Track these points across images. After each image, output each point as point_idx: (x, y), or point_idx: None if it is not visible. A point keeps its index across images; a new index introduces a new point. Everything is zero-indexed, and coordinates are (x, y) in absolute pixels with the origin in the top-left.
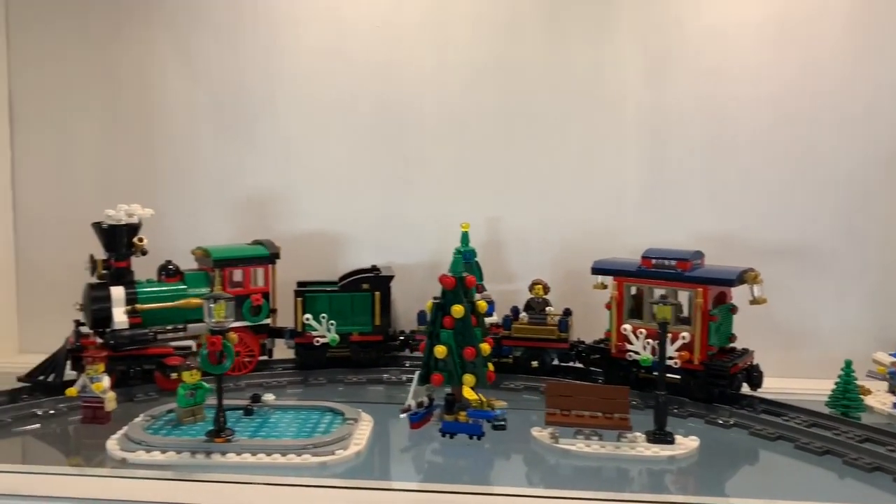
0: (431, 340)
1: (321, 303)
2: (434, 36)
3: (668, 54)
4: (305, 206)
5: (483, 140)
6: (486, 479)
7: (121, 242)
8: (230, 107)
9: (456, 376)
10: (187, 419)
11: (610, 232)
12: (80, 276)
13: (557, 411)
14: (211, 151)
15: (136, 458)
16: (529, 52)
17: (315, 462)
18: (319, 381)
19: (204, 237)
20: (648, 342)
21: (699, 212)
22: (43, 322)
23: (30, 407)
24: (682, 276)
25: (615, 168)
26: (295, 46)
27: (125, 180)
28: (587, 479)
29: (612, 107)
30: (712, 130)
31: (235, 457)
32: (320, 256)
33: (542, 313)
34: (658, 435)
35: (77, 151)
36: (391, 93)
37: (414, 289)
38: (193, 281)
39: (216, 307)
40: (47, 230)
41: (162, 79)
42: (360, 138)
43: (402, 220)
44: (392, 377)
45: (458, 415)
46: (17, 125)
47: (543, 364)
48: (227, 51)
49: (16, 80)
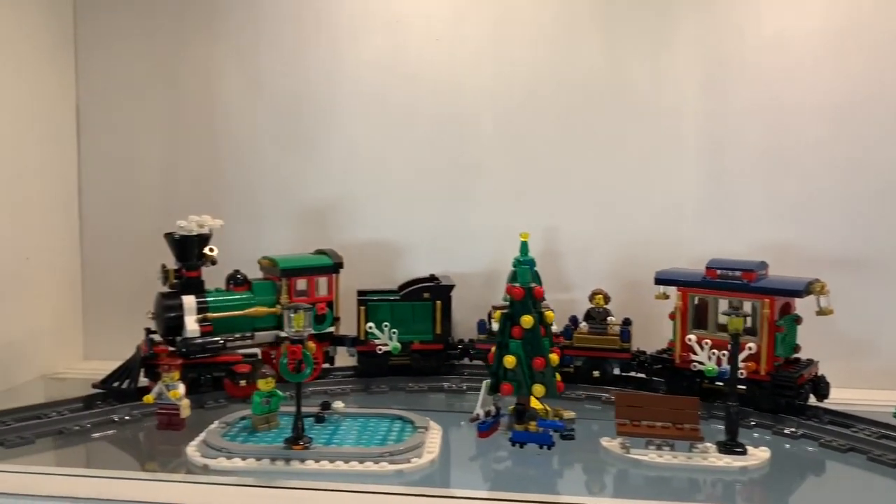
0: (500, 350)
1: (383, 311)
2: (493, 48)
3: (728, 63)
4: (364, 216)
5: (541, 150)
6: (562, 488)
7: (192, 252)
8: (292, 118)
9: (525, 386)
10: (262, 426)
11: (668, 242)
12: (143, 285)
13: (627, 421)
14: (273, 162)
15: (218, 464)
16: (588, 62)
17: (392, 470)
18: (381, 388)
19: (265, 247)
20: (714, 353)
21: (758, 221)
22: (107, 330)
23: (107, 413)
24: (749, 286)
25: (674, 178)
26: (356, 59)
27: (189, 191)
28: (660, 489)
29: (670, 116)
30: (772, 139)
31: (314, 464)
32: (378, 265)
33: (602, 323)
34: (730, 445)
35: (142, 162)
36: (450, 104)
37: (471, 298)
38: (261, 290)
39: (296, 317)
40: (112, 239)
41: (226, 91)
42: (419, 149)
43: (459, 229)
44: (453, 385)
45: (528, 424)
46: (83, 137)
47: (605, 374)
48: (290, 64)
49: (83, 93)
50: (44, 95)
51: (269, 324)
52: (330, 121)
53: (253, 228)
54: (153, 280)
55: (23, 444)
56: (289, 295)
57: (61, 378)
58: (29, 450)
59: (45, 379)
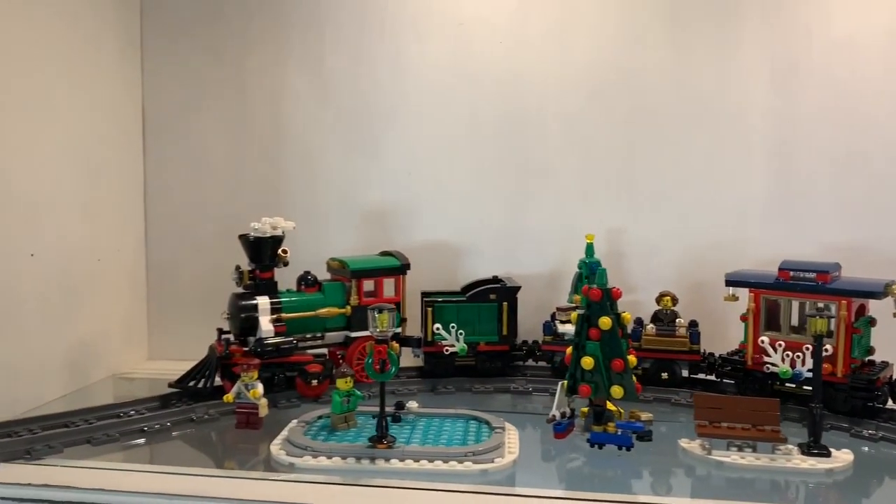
0: (577, 352)
1: (449, 312)
2: (556, 50)
3: (797, 63)
4: (426, 217)
5: (605, 151)
6: (649, 489)
7: (265, 254)
8: (356, 120)
9: (603, 388)
10: (341, 425)
11: (733, 244)
12: (206, 287)
13: (707, 423)
14: (336, 164)
15: (304, 463)
16: (653, 62)
17: (476, 469)
18: (448, 389)
19: (328, 248)
20: (787, 354)
21: (827, 223)
22: (170, 331)
23: (185, 412)
24: (824, 288)
25: (740, 179)
26: (419, 61)
27: (253, 193)
28: (747, 491)
29: (737, 117)
30: (841, 140)
31: (399, 463)
32: (439, 266)
33: (671, 325)
34: (813, 447)
35: (206, 164)
36: (514, 105)
37: (533, 299)
38: (331, 291)
39: (380, 317)
40: (176, 241)
41: (290, 93)
42: (482, 150)
43: (522, 230)
44: (518, 387)
45: (607, 426)
46: (148, 138)
47: (673, 376)
48: (354, 67)
49: (149, 95)
50: (111, 97)
51: (339, 324)
52: (393, 122)
53: (316, 230)
54: (216, 281)
55: (109, 441)
56: (358, 296)
57: (129, 378)
58: (114, 447)
59: (114, 379)
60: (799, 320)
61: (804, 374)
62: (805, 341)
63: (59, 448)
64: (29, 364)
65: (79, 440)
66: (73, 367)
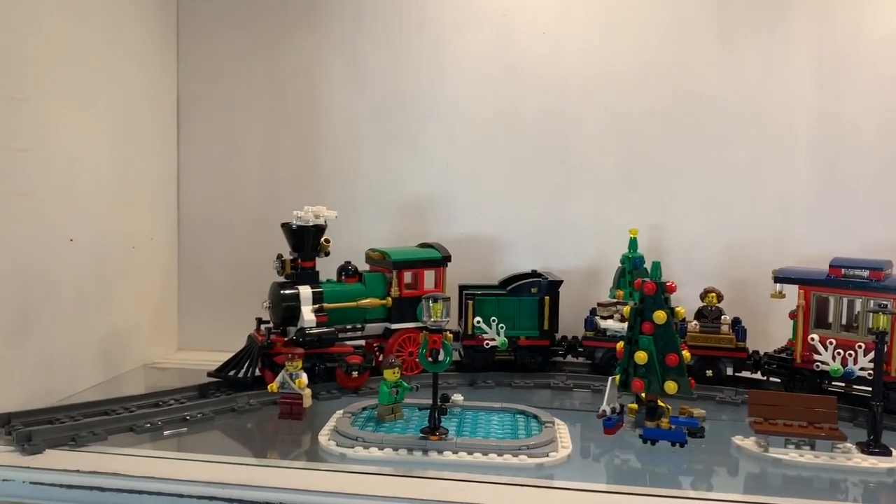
0: (630, 346)
1: (489, 306)
2: (599, 43)
3: (844, 60)
4: (463, 210)
5: (646, 146)
6: (706, 485)
7: (308, 243)
8: (393, 112)
9: (657, 383)
10: (388, 416)
11: (776, 241)
12: (238, 276)
13: (762, 419)
14: (373, 154)
15: (355, 454)
16: (696, 56)
17: (532, 463)
18: (488, 383)
19: (364, 239)
20: (838, 352)
21: (871, 221)
22: (200, 321)
23: (226, 402)
24: (878, 285)
25: (784, 176)
26: (459, 53)
27: (287, 182)
28: (808, 489)
29: (782, 113)
30: (886, 140)
31: (452, 455)
32: (477, 260)
33: (715, 322)
34: (874, 446)
35: (240, 152)
36: (555, 99)
37: (571, 294)
38: (371, 282)
39: (434, 306)
40: (209, 229)
41: (327, 85)
42: (522, 144)
43: (561, 225)
44: (559, 383)
45: (661, 421)
46: (183, 128)
47: (718, 373)
48: (392, 57)
49: (184, 82)
50: (146, 84)
51: (379, 315)
52: (431, 114)
53: (351, 220)
54: (247, 272)
55: (152, 430)
56: (399, 287)
57: (161, 367)
58: (157, 436)
59: (145, 368)
60: (849, 318)
61: (856, 372)
62: (857, 339)
63: (103, 435)
64: (64, 352)
65: (121, 428)
66: (105, 357)
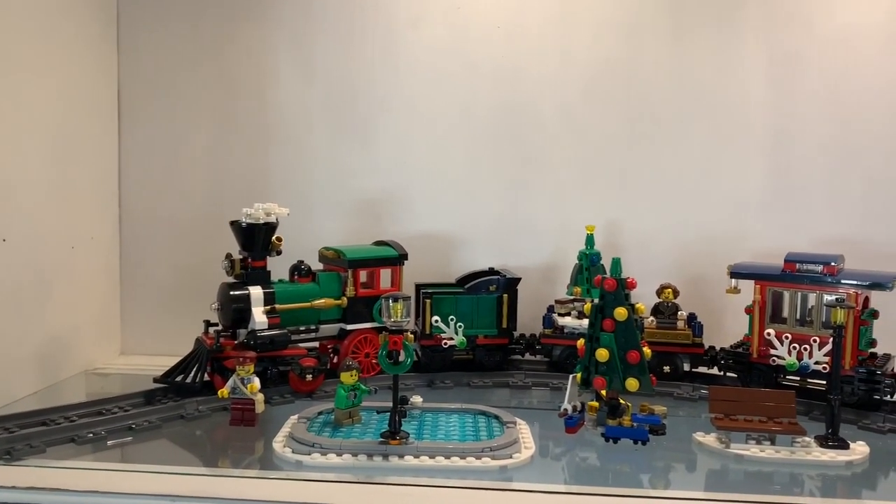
0: (592, 343)
1: (447, 305)
2: (556, 37)
3: (796, 55)
4: (419, 207)
5: (603, 142)
6: (671, 483)
7: (258, 241)
8: (346, 107)
9: (618, 380)
10: (346, 421)
11: (732, 236)
12: (185, 278)
13: (723, 415)
14: (326, 152)
15: (312, 461)
16: (651, 53)
17: (495, 465)
18: (446, 383)
19: (316, 237)
20: (794, 347)
21: (822, 216)
22: (145, 324)
23: (174, 409)
24: (832, 280)
25: (738, 171)
26: (414, 45)
27: (235, 179)
28: (770, 484)
29: (736, 109)
30: (838, 134)
31: (414, 459)
32: (433, 258)
33: (672, 318)
34: (832, 440)
35: (186, 149)
36: (511, 94)
37: (529, 291)
38: (326, 281)
39: (395, 306)
40: (153, 229)
41: (276, 78)
42: (477, 139)
43: (518, 222)
44: (517, 381)
45: (622, 419)
46: (124, 122)
47: (675, 369)
48: (344, 50)
49: (125, 77)
50: (84, 77)
51: (334, 316)
52: (386, 109)
53: (304, 218)
54: (194, 273)
55: (95, 440)
56: (354, 287)
57: (103, 374)
58: (100, 446)
59: (87, 374)
60: (803, 312)
61: (811, 366)
62: (812, 334)
63: (42, 448)
64: None
65: (61, 439)
66: (43, 363)
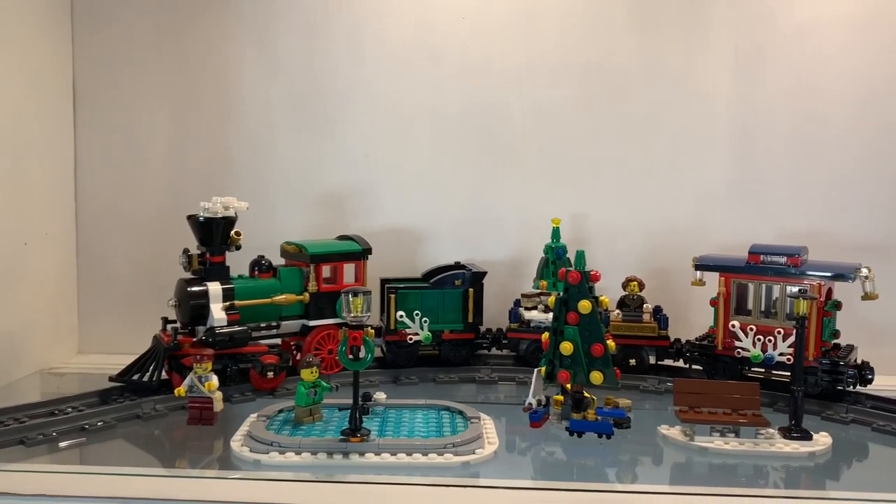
0: (556, 337)
1: (413, 299)
2: (522, 29)
3: (761, 49)
4: (384, 202)
5: (570, 136)
6: (636, 477)
7: (217, 236)
8: (310, 99)
9: (583, 373)
10: (306, 419)
11: (697, 228)
12: (144, 274)
13: (688, 408)
14: (288, 144)
15: (271, 460)
16: (619, 46)
17: (458, 461)
18: (412, 379)
19: (279, 232)
20: (758, 339)
21: (786, 208)
22: (102, 322)
23: (130, 409)
24: (796, 271)
25: (704, 164)
26: (379, 38)
27: (196, 174)
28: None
29: (702, 102)
30: (802, 126)
31: (375, 457)
32: (398, 252)
33: (637, 311)
34: (795, 431)
35: (145, 143)
36: (477, 87)
37: (496, 285)
38: (287, 276)
39: (355, 301)
40: (110, 225)
41: (238, 69)
42: (443, 132)
43: (484, 215)
44: (484, 376)
45: (587, 413)
46: (80, 115)
47: (641, 362)
48: (307, 41)
49: (80, 67)
50: (38, 68)
51: (296, 312)
52: (350, 102)
53: (266, 212)
54: (153, 269)
55: (47, 441)
56: (317, 282)
57: (59, 373)
58: (52, 448)
59: (42, 374)
60: (768, 304)
61: (775, 357)
62: (776, 325)
63: None
64: None
65: (10, 441)
66: None
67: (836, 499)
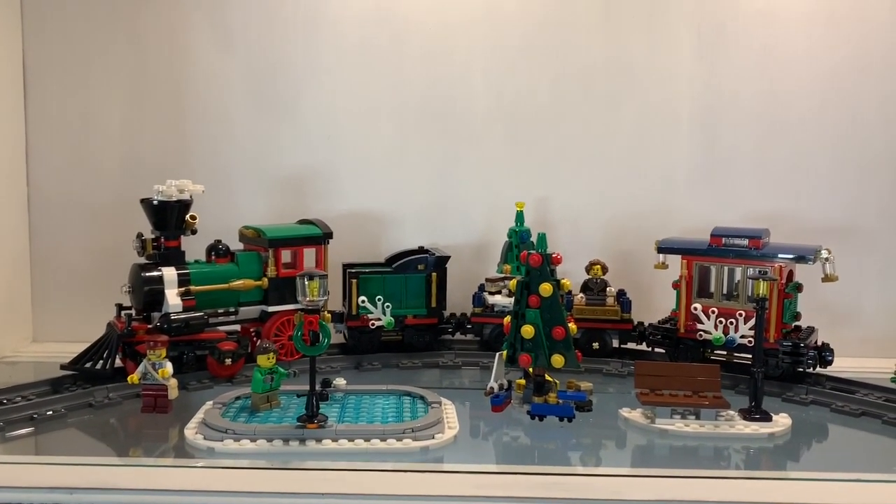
0: (517, 320)
1: (375, 285)
2: (485, 10)
3: (722, 33)
4: (346, 185)
5: (534, 119)
6: (597, 460)
7: (171, 220)
8: (268, 79)
9: (544, 357)
10: (263, 406)
11: (660, 212)
12: (99, 260)
13: (648, 391)
14: (247, 126)
15: (225, 447)
16: (582, 29)
17: (417, 446)
18: (374, 365)
19: (237, 216)
20: (720, 321)
21: (749, 191)
22: (57, 309)
23: (82, 397)
24: (757, 253)
25: (666, 147)
26: (339, 16)
27: (151, 156)
28: (694, 458)
29: (664, 85)
30: (763, 110)
31: (332, 443)
32: (361, 237)
33: (601, 294)
34: (755, 412)
35: (98, 126)
36: (440, 68)
37: (460, 270)
38: (245, 262)
39: (311, 284)
40: (64, 210)
41: (193, 48)
42: (406, 114)
43: (447, 199)
44: (448, 361)
45: (548, 396)
46: (31, 98)
47: (604, 346)
48: (266, 18)
49: (30, 46)
50: None
51: (255, 298)
52: (309, 81)
53: (223, 196)
54: (108, 255)
55: None
56: (276, 267)
57: (12, 362)
58: (1, 437)
59: None
60: (730, 287)
61: (737, 340)
62: (738, 308)
63: None
64: None
65: None
66: None
67: (796, 479)
